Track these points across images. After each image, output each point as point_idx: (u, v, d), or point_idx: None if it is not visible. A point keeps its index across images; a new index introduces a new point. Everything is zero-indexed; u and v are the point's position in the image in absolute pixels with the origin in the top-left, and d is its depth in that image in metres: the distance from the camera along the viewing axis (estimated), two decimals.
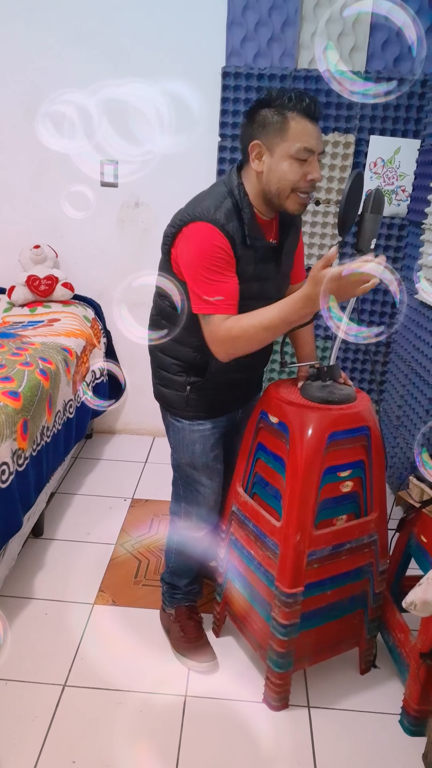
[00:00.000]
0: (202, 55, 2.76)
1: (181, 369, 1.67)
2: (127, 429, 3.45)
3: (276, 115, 1.41)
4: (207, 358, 1.59)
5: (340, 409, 1.57)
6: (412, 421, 2.51)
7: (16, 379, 2.02)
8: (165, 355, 1.70)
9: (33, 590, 2.11)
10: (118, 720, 1.65)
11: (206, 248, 1.44)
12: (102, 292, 3.19)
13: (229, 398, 1.74)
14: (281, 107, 1.41)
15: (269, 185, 1.47)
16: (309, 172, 1.44)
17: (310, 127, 1.41)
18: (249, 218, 1.48)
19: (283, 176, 1.44)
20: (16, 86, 2.86)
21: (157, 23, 2.75)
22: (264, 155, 1.45)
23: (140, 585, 2.18)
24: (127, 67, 2.81)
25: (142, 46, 2.78)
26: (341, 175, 2.76)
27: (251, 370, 1.78)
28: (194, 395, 1.68)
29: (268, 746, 1.61)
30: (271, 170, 1.45)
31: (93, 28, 2.78)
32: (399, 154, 2.72)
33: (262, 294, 1.55)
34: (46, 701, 1.69)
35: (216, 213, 1.45)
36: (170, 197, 1.54)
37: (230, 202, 1.48)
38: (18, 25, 2.78)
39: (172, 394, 1.71)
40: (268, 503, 1.70)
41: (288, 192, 1.46)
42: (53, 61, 2.82)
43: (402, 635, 1.74)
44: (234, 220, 1.46)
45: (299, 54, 2.72)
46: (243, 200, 1.48)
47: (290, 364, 1.78)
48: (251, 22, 2.67)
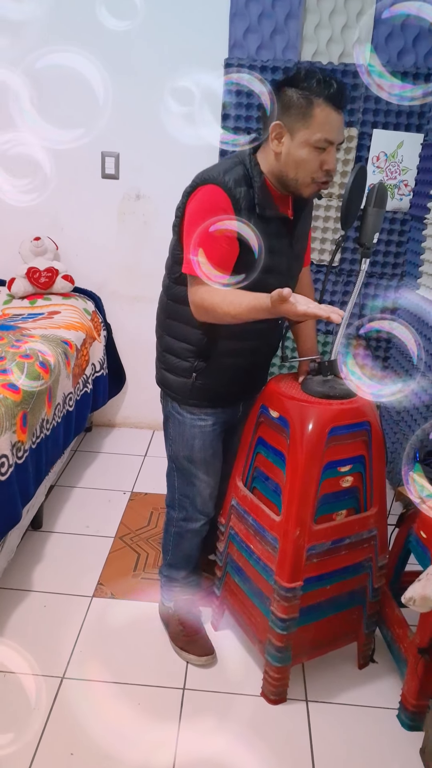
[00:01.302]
0: (205, 46, 2.74)
1: (190, 353, 1.65)
2: (127, 422, 3.44)
3: (302, 98, 1.38)
4: (216, 338, 1.58)
5: (340, 404, 1.57)
6: (412, 416, 2.50)
7: (16, 372, 2.02)
8: (173, 338, 1.68)
9: (32, 583, 2.12)
10: (117, 712, 1.66)
11: (208, 207, 1.43)
12: (102, 284, 3.18)
13: (233, 389, 1.72)
14: (308, 90, 1.37)
15: (287, 168, 1.45)
16: (325, 161, 1.42)
17: (334, 116, 1.39)
18: (260, 186, 1.46)
19: (301, 163, 1.42)
20: (17, 77, 2.84)
21: (160, 14, 2.73)
22: (284, 137, 1.42)
23: (139, 578, 2.18)
24: (128, 59, 2.79)
25: (144, 38, 2.76)
26: (344, 168, 2.75)
27: (257, 356, 1.74)
28: (199, 382, 1.66)
29: (266, 740, 1.62)
30: (289, 154, 1.43)
31: (95, 18, 2.75)
32: (402, 148, 2.70)
33: (272, 268, 1.49)
34: (44, 693, 1.69)
35: (225, 176, 1.43)
36: (171, 189, 1.54)
37: (241, 169, 1.46)
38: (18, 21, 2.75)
39: (177, 380, 1.69)
40: (268, 498, 1.70)
41: (308, 180, 1.45)
42: (54, 50, 2.80)
43: (400, 630, 1.74)
44: (243, 186, 1.44)
45: (302, 46, 2.70)
46: (254, 169, 1.46)
47: (291, 359, 1.77)
48: (254, 13, 2.65)
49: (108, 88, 2.45)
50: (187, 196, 1.50)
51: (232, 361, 1.66)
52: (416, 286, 2.54)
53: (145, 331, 1.75)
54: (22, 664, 1.78)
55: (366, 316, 1.51)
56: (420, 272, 2.49)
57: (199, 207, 1.45)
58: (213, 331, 1.57)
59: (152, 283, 1.70)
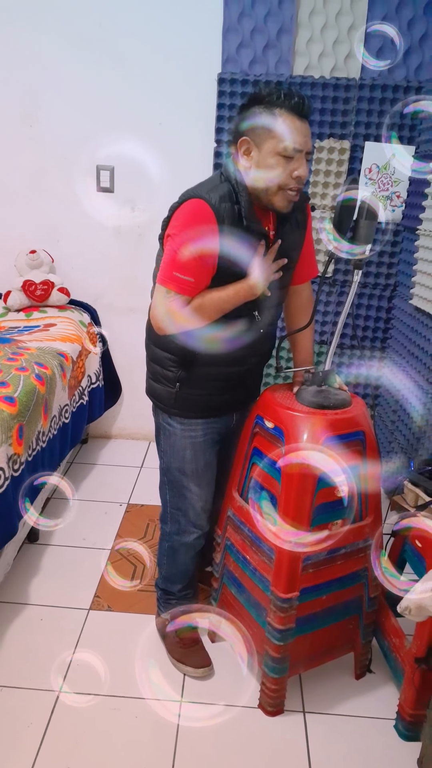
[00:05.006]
0: (198, 61, 2.77)
1: (173, 363, 1.65)
2: (123, 434, 3.45)
3: (265, 111, 1.41)
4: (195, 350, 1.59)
5: (335, 414, 1.58)
6: (407, 425, 2.52)
7: (12, 384, 2.02)
8: (158, 348, 1.69)
9: (28, 596, 2.11)
10: (114, 726, 1.65)
11: (192, 220, 1.45)
12: (98, 297, 3.19)
13: (222, 399, 1.72)
14: (270, 104, 1.41)
15: (257, 181, 1.46)
16: (295, 168, 1.43)
17: (298, 125, 1.41)
18: (246, 201, 1.47)
19: (270, 173, 1.43)
20: (13, 91, 2.87)
21: (153, 29, 2.76)
22: (252, 151, 1.44)
23: (136, 590, 2.18)
24: (123, 72, 2.82)
25: (138, 52, 2.79)
26: (336, 181, 2.78)
27: (243, 366, 1.72)
28: (183, 392, 1.67)
29: (264, 751, 1.61)
30: (258, 166, 1.44)
31: (91, 34, 2.79)
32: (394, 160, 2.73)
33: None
34: (41, 707, 1.69)
35: (209, 193, 1.46)
36: (166, 202, 1.55)
37: (226, 186, 1.48)
38: (16, 30, 2.79)
39: (162, 389, 1.70)
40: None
41: (275, 189, 1.45)
42: (51, 66, 2.83)
43: (397, 640, 1.74)
44: (227, 202, 1.46)
45: (294, 61, 2.74)
46: (239, 185, 1.47)
47: (286, 369, 1.78)
48: (247, 28, 2.68)
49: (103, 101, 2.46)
50: (172, 211, 1.52)
51: (215, 371, 1.65)
52: (409, 296, 2.55)
53: (140, 343, 1.76)
54: (19, 677, 1.77)
55: (359, 326, 1.58)
56: (413, 283, 2.51)
57: (183, 221, 1.47)
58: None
59: (147, 295, 1.70)
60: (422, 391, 2.36)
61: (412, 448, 2.41)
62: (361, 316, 2.97)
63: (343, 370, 1.79)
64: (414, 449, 2.39)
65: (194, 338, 1.54)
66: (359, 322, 2.96)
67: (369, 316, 2.97)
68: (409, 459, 2.37)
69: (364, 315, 2.97)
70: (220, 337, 1.55)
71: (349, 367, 3.04)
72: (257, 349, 1.72)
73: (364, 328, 2.99)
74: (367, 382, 3.03)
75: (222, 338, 1.56)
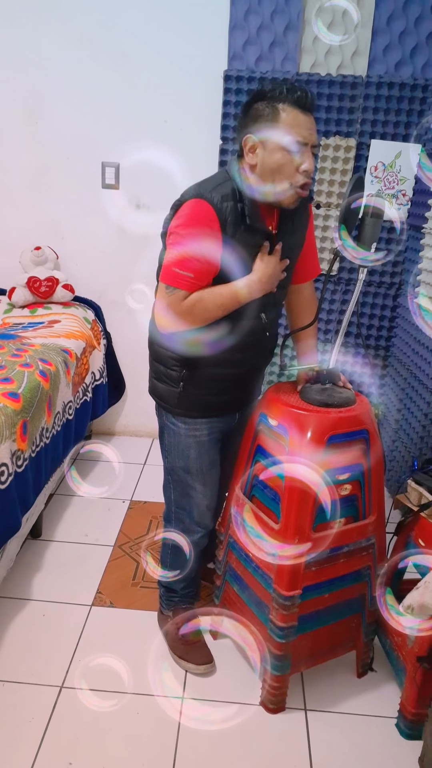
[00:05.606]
0: (204, 58, 2.77)
1: (176, 362, 1.65)
2: (127, 431, 3.45)
3: (268, 107, 1.41)
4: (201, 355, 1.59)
5: (339, 412, 1.58)
6: (410, 424, 2.51)
7: (16, 381, 2.03)
8: (161, 347, 1.68)
9: (31, 591, 2.11)
10: (115, 722, 1.65)
11: (194, 220, 1.45)
12: (102, 293, 3.20)
13: (225, 399, 1.72)
14: (273, 100, 1.40)
15: (264, 178, 1.45)
16: (302, 162, 1.43)
17: (302, 118, 1.41)
18: (249, 200, 1.47)
19: (277, 169, 1.43)
20: (17, 89, 2.87)
21: (159, 27, 2.76)
22: (257, 148, 1.44)
23: (138, 587, 2.18)
24: (128, 70, 2.82)
25: (144, 50, 2.79)
26: (342, 179, 2.77)
27: (246, 366, 1.73)
28: (187, 392, 1.66)
29: (265, 749, 1.61)
30: (264, 163, 1.44)
31: (95, 31, 2.78)
32: (400, 158, 2.73)
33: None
34: (43, 703, 1.69)
35: (212, 192, 1.45)
36: (171, 199, 1.55)
37: (230, 185, 1.47)
38: (19, 29, 2.79)
39: (166, 388, 1.70)
40: (267, 506, 1.70)
41: (286, 185, 1.45)
42: (55, 65, 2.83)
43: (399, 639, 1.74)
44: (230, 201, 1.46)
45: (301, 58, 2.73)
46: (243, 184, 1.47)
47: (290, 367, 1.78)
48: (253, 25, 2.68)
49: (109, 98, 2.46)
50: (174, 209, 1.52)
51: (219, 371, 1.65)
52: (414, 294, 2.55)
53: (144, 340, 1.76)
54: (21, 672, 1.78)
55: (363, 324, 1.58)
56: (418, 281, 2.50)
57: (184, 221, 1.47)
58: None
59: (152, 292, 1.71)
60: (426, 390, 2.35)
61: (416, 446, 2.41)
62: (366, 314, 2.96)
63: (347, 369, 1.78)
64: (418, 448, 2.39)
65: (202, 342, 1.54)
66: (364, 320, 2.96)
67: (374, 314, 2.96)
68: (413, 457, 2.37)
69: (368, 313, 2.96)
70: (227, 340, 1.55)
71: (353, 366, 3.04)
72: (261, 350, 1.73)
73: (368, 326, 2.98)
74: (371, 380, 3.02)
75: (228, 340, 1.55)
